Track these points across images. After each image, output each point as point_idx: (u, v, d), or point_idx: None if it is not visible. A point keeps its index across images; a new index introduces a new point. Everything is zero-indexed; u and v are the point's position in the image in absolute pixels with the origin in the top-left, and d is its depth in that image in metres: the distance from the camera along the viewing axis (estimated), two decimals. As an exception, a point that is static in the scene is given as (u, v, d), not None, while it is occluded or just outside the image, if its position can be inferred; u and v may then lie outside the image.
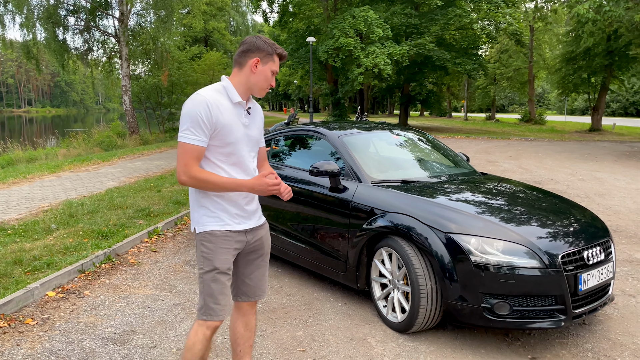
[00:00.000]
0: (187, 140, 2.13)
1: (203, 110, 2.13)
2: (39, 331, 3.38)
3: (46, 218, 6.35)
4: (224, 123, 2.18)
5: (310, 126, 4.75)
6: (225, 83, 2.26)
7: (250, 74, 2.24)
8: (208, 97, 2.16)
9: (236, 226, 2.29)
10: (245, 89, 2.27)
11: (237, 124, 2.24)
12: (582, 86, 28.81)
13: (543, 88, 69.51)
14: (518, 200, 3.83)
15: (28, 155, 18.12)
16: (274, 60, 2.26)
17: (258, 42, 2.23)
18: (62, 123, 64.98)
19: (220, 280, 2.24)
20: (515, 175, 10.49)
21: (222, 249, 2.24)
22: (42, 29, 21.50)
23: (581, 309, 3.22)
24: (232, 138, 2.22)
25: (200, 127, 2.13)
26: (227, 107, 2.21)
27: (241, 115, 2.27)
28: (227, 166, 2.24)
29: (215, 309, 2.24)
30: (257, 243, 2.41)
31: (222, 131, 2.18)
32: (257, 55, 2.23)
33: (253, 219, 2.37)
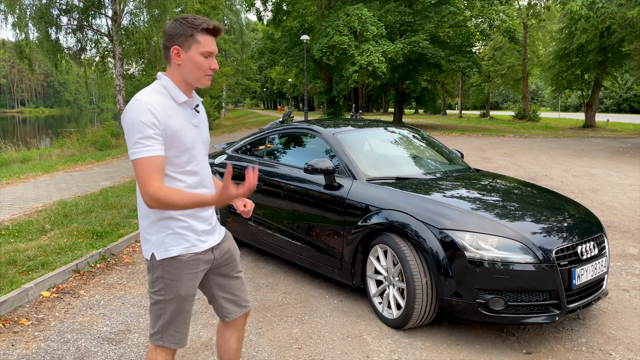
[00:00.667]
0: (140, 154, 1.79)
1: (148, 117, 1.81)
2: (34, 331, 3.37)
3: (40, 218, 6.32)
4: (175, 128, 1.88)
5: (305, 124, 4.75)
6: (164, 82, 1.94)
7: (178, 67, 1.92)
8: (150, 101, 1.84)
9: (202, 245, 2.02)
10: (184, 84, 1.95)
11: (188, 127, 1.95)
12: (576, 83, 28.93)
13: (537, 85, 69.76)
14: (512, 196, 3.85)
15: (22, 156, 18.04)
16: (198, 41, 1.88)
17: (173, 28, 1.89)
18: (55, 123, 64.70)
19: (184, 308, 2.02)
20: (510, 171, 10.53)
21: (188, 274, 1.98)
22: (34, 28, 21.37)
23: (575, 304, 3.24)
24: (188, 143, 1.93)
25: (150, 136, 1.80)
26: (174, 109, 1.91)
27: (190, 115, 1.99)
28: (186, 177, 1.96)
29: (175, 337, 2.04)
30: (226, 256, 2.17)
31: (175, 138, 1.88)
32: (176, 43, 1.89)
33: (216, 233, 2.13)
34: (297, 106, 73.29)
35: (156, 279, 1.97)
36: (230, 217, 5.04)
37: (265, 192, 4.55)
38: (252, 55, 33.92)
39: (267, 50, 30.98)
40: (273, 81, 69.35)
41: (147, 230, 1.96)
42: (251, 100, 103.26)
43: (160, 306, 1.99)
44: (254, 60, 35.31)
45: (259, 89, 70.55)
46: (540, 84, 64.17)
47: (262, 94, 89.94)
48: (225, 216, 5.10)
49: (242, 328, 2.33)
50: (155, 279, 1.97)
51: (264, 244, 4.67)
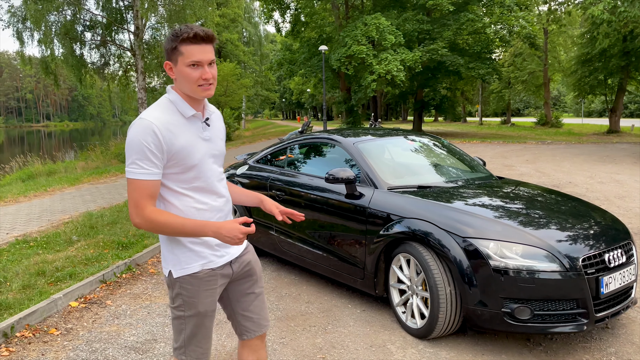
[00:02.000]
0: (135, 175, 1.78)
1: (150, 138, 1.77)
2: (62, 341, 3.44)
3: (67, 230, 6.46)
4: (181, 146, 1.84)
5: (325, 134, 4.78)
6: (172, 96, 1.89)
7: (176, 82, 1.88)
8: (154, 120, 1.79)
9: (219, 261, 1.98)
10: (188, 97, 1.89)
11: (197, 143, 1.90)
12: (599, 88, 28.46)
13: (559, 90, 68.84)
14: (536, 204, 3.81)
15: (48, 169, 18.48)
16: (182, 52, 1.80)
17: (165, 43, 1.85)
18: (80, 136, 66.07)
19: (204, 324, 1.99)
20: (533, 179, 10.40)
21: (205, 291, 1.95)
22: (59, 44, 21.96)
23: (603, 313, 3.18)
24: (195, 160, 1.88)
25: (148, 159, 1.78)
26: (180, 126, 1.86)
27: (200, 129, 1.92)
28: (193, 193, 1.91)
29: (197, 352, 2.00)
30: (246, 270, 2.11)
31: (180, 156, 1.84)
32: (168, 58, 1.86)
33: (232, 248, 2.04)
34: (315, 116, 73.57)
35: (175, 296, 1.96)
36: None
37: (286, 202, 4.58)
38: (271, 66, 34.19)
39: (285, 61, 31.22)
40: (292, 92, 69.83)
41: (164, 247, 1.96)
42: (270, 111, 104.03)
43: (181, 322, 1.97)
44: (272, 72, 35.57)
45: (277, 99, 71.08)
46: (562, 89, 63.31)
47: (281, 105, 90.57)
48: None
49: (260, 350, 2.21)
50: (175, 295, 1.96)
51: (285, 254, 4.70)
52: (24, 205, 8.70)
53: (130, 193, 1.79)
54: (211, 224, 1.81)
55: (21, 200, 9.35)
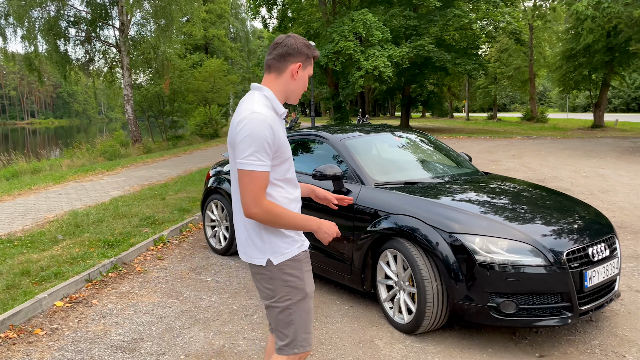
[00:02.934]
0: (254, 167, 1.86)
1: (268, 133, 1.88)
2: (48, 341, 3.40)
3: (52, 228, 6.38)
4: (282, 140, 1.96)
5: (312, 130, 4.77)
6: (267, 93, 1.99)
7: (290, 81, 2.01)
8: (269, 116, 1.91)
9: (306, 243, 2.10)
10: (284, 97, 2.04)
11: (286, 138, 2.02)
12: (583, 83, 28.79)
13: (544, 86, 69.47)
14: (521, 199, 3.84)
15: (32, 167, 18.23)
16: (311, 64, 2.05)
17: (298, 45, 2.00)
18: (65, 134, 65.30)
19: (309, 306, 2.06)
20: (519, 173, 10.49)
21: (307, 272, 2.05)
22: (43, 41, 21.65)
23: (587, 306, 3.22)
24: (288, 153, 2.02)
25: (265, 152, 1.88)
26: (277, 122, 1.97)
27: (283, 126, 2.03)
28: (284, 183, 2.02)
29: (306, 339, 2.05)
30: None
31: (281, 149, 1.96)
32: (299, 60, 1.99)
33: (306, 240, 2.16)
34: (304, 112, 73.44)
35: (279, 285, 1.99)
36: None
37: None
38: (259, 62, 34.04)
39: (273, 57, 31.06)
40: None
41: (258, 237, 1.99)
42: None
43: (289, 312, 2.00)
44: (260, 68, 35.41)
45: (265, 95, 70.72)
46: (547, 85, 63.90)
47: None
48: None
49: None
50: (278, 285, 1.99)
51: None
52: (8, 204, 8.59)
53: (248, 184, 1.87)
54: (315, 219, 2.00)
55: (5, 199, 9.22)
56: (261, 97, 1.98)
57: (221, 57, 41.99)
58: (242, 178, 1.88)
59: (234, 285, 4.48)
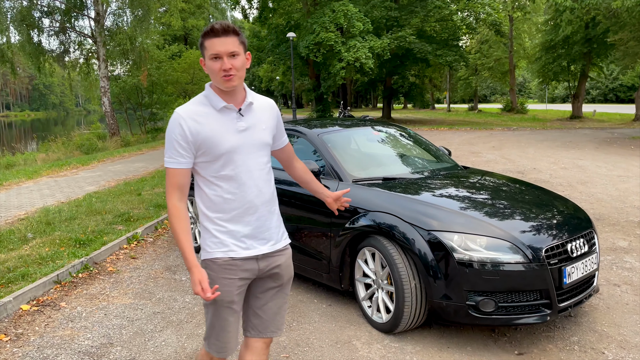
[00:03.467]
0: (167, 164, 1.96)
1: (176, 129, 1.93)
2: (12, 347, 3.25)
3: (22, 227, 6.18)
4: (207, 135, 1.93)
5: (290, 124, 4.66)
6: (206, 91, 2.01)
7: (209, 72, 1.97)
8: (182, 112, 1.94)
9: (242, 252, 1.99)
10: (220, 90, 1.99)
11: (227, 132, 1.96)
12: (562, 74, 29.07)
13: (524, 77, 70.10)
14: (500, 194, 3.79)
15: (6, 161, 17.76)
16: (206, 47, 1.93)
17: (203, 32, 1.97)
18: (42, 127, 63.98)
19: (221, 315, 2.00)
20: (499, 165, 10.52)
21: (224, 279, 1.97)
22: (15, 31, 21.05)
23: (566, 302, 3.19)
24: (222, 149, 1.95)
25: (175, 149, 1.93)
26: (209, 117, 1.96)
27: (233, 120, 1.98)
28: (220, 181, 1.98)
29: (216, 345, 2.04)
30: (274, 271, 2.08)
31: (208, 143, 1.93)
32: (201, 55, 1.99)
33: (267, 243, 2.05)
34: (285, 104, 73.04)
35: None
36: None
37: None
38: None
39: (253, 48, 30.76)
40: (261, 79, 69.03)
41: (201, 229, 2.06)
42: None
43: (205, 308, 2.05)
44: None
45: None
46: (527, 76, 64.50)
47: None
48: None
49: (262, 355, 2.14)
50: None
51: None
52: (-22, 201, 8.31)
53: (166, 181, 1.98)
54: (192, 262, 1.90)
55: (-25, 195, 8.93)
56: (199, 95, 2.02)
57: (201, 48, 41.37)
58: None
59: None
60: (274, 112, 2.14)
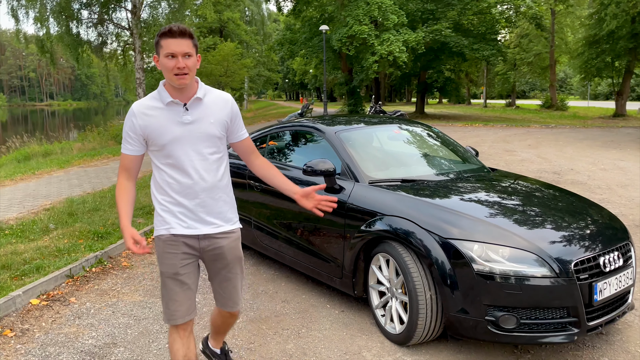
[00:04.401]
0: (121, 149, 2.27)
1: (128, 122, 2.21)
2: (16, 344, 3.21)
3: (45, 217, 6.23)
4: (154, 127, 2.17)
5: (308, 121, 4.49)
6: (159, 88, 2.22)
7: (162, 70, 2.16)
8: (134, 107, 2.21)
9: (182, 230, 2.22)
10: (170, 86, 2.19)
11: (171, 125, 2.18)
12: (606, 70, 27.84)
13: (565, 73, 67.87)
14: (528, 201, 3.52)
15: (44, 150, 18.23)
16: (162, 45, 2.10)
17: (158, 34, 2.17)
18: (83, 116, 65.82)
19: (168, 285, 2.24)
20: (534, 165, 10.09)
21: (167, 253, 2.22)
22: (55, 22, 21.53)
23: (596, 321, 2.92)
24: (165, 140, 2.18)
25: (125, 139, 2.22)
26: (157, 110, 2.19)
27: (178, 114, 2.19)
28: (166, 167, 2.22)
29: (166, 313, 2.27)
30: (217, 252, 2.30)
31: (153, 135, 2.18)
32: (156, 51, 2.16)
33: (209, 226, 2.26)
34: (319, 97, 72.89)
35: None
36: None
37: (264, 194, 4.32)
38: (272, 46, 33.61)
39: (286, 41, 30.61)
40: (295, 72, 69.05)
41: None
42: (273, 92, 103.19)
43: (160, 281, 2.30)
44: (274, 51, 34.99)
45: (280, 80, 70.36)
46: (568, 71, 62.40)
47: (285, 85, 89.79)
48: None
49: (228, 320, 2.58)
50: None
51: (265, 249, 4.45)
52: (8, 190, 8.48)
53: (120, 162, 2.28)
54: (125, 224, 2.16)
55: (7, 183, 9.13)
56: (154, 91, 2.24)
57: (235, 40, 41.61)
58: None
59: (221, 284, 4.26)
60: (227, 107, 2.29)
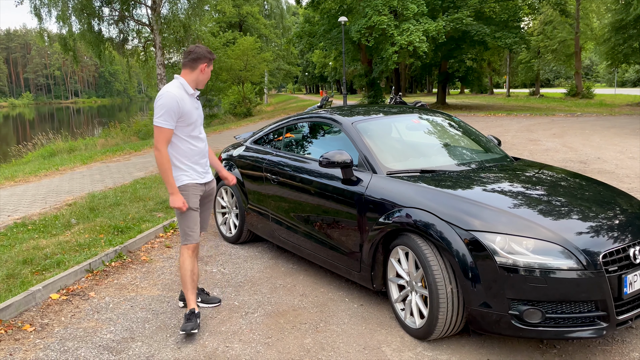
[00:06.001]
0: (162, 124, 3.12)
1: (173, 105, 3.11)
2: (35, 338, 3.23)
3: (67, 212, 6.29)
4: (186, 110, 3.18)
5: (325, 112, 4.41)
6: (181, 81, 3.24)
7: (199, 74, 3.27)
8: (176, 93, 3.15)
9: (200, 179, 3.34)
10: (195, 84, 3.28)
11: (193, 109, 3.26)
12: (633, 56, 27.03)
13: (591, 60, 66.22)
14: (553, 190, 3.40)
15: (69, 146, 18.53)
16: (211, 62, 3.31)
17: (204, 52, 3.24)
18: (107, 112, 66.90)
19: (191, 215, 3.28)
20: (559, 154, 9.83)
21: (193, 195, 3.28)
22: (77, 20, 21.78)
23: (626, 315, 2.79)
24: (192, 119, 3.24)
25: (170, 116, 3.13)
26: (186, 98, 3.22)
27: (194, 101, 3.29)
28: (189, 138, 3.26)
29: (191, 236, 3.30)
30: (210, 191, 3.50)
31: (186, 115, 3.19)
32: (205, 62, 3.26)
33: (208, 176, 3.42)
34: (339, 89, 72.53)
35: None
36: (248, 212, 4.79)
37: (281, 187, 4.27)
38: (291, 39, 33.50)
39: (305, 34, 30.47)
40: (314, 65, 68.83)
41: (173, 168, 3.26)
42: (293, 85, 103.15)
43: (180, 219, 3.31)
44: (293, 44, 34.87)
45: (300, 73, 70.26)
46: (594, 58, 60.84)
47: (304, 79, 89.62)
48: (244, 210, 4.86)
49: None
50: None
51: (283, 242, 4.40)
52: (32, 186, 8.61)
53: (157, 135, 3.13)
54: (174, 188, 3.18)
55: (31, 180, 9.27)
56: (176, 82, 3.25)
57: (255, 34, 41.61)
58: (155, 131, 3.13)
59: (239, 278, 4.23)
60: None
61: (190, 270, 3.27)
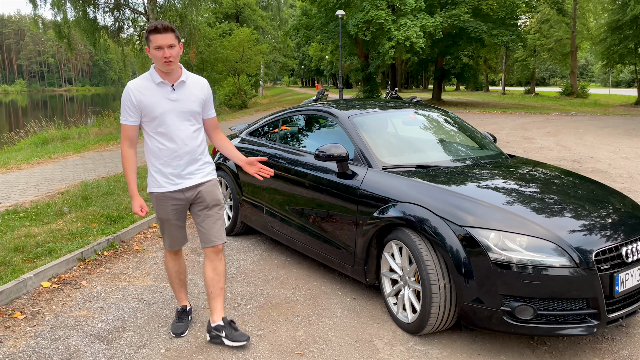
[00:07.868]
0: (121, 120, 2.83)
1: (127, 98, 2.77)
2: (25, 326, 3.21)
3: (60, 201, 6.25)
4: (147, 102, 2.75)
5: (321, 105, 4.40)
6: (150, 70, 2.83)
7: (152, 58, 2.76)
8: (131, 86, 2.78)
9: (170, 187, 2.86)
10: (159, 70, 2.78)
11: (161, 101, 2.76)
12: (629, 57, 27.18)
13: (586, 59, 66.43)
14: (547, 188, 3.41)
15: (62, 134, 18.38)
16: (151, 40, 2.69)
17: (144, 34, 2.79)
18: (101, 101, 66.35)
19: (165, 226, 2.97)
20: (553, 153, 9.88)
21: (159, 205, 2.90)
22: (72, 7, 21.59)
23: (617, 313, 2.82)
24: (157, 113, 2.76)
25: (126, 111, 2.79)
26: (150, 89, 2.77)
27: (167, 92, 2.79)
28: (156, 135, 2.80)
29: (168, 242, 3.04)
30: (198, 197, 2.93)
31: (147, 109, 2.76)
32: (147, 44, 2.75)
33: (191, 179, 2.89)
34: (335, 83, 72.41)
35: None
36: (242, 204, 4.78)
37: (276, 179, 4.25)
38: (287, 32, 33.35)
39: (302, 27, 30.34)
40: (311, 58, 68.64)
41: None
42: (289, 78, 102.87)
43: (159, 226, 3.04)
44: (290, 37, 34.72)
45: (296, 66, 70.02)
46: (590, 58, 61.03)
47: (300, 72, 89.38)
48: (238, 202, 4.85)
49: (215, 260, 3.00)
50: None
51: (277, 235, 4.40)
52: (25, 173, 8.55)
53: (121, 132, 2.84)
54: (134, 192, 2.88)
55: (23, 167, 9.20)
56: (145, 73, 2.84)
57: (251, 26, 41.39)
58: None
59: (232, 270, 4.22)
60: (204, 89, 2.93)
61: (176, 271, 3.12)
